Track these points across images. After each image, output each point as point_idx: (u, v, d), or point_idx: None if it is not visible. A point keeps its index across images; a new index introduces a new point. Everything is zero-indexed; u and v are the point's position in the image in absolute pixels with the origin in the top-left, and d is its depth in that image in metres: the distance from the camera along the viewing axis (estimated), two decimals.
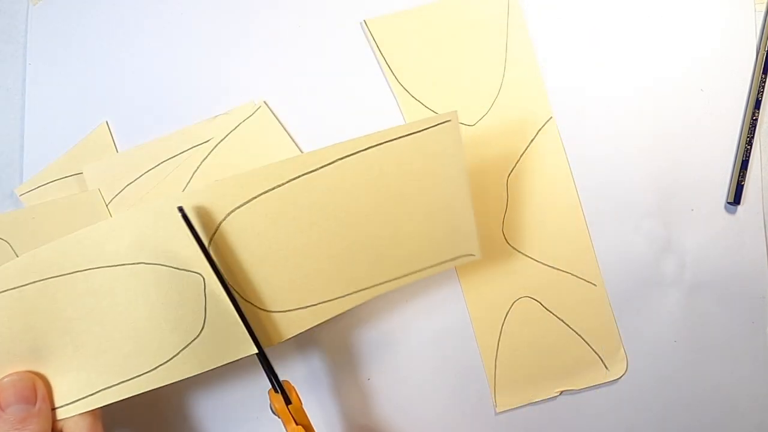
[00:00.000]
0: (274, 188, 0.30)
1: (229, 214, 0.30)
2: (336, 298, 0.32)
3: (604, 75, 0.39)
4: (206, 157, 0.38)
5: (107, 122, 0.39)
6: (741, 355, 0.39)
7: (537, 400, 0.38)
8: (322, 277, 0.32)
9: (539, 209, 0.38)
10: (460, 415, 0.38)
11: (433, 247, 0.33)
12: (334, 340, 0.38)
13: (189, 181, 0.38)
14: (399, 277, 0.33)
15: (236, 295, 0.31)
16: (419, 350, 0.38)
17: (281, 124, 0.38)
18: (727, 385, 0.39)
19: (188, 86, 0.39)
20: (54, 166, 0.38)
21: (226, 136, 0.38)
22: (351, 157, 0.31)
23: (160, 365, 0.30)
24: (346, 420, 0.38)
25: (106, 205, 0.38)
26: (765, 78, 0.39)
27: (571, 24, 0.39)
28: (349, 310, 0.33)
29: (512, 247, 0.38)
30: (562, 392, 0.38)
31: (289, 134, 0.38)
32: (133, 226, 0.29)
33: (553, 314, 0.38)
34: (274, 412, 0.31)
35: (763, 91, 0.38)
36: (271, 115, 0.38)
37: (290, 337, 0.32)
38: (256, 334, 0.31)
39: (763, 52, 0.39)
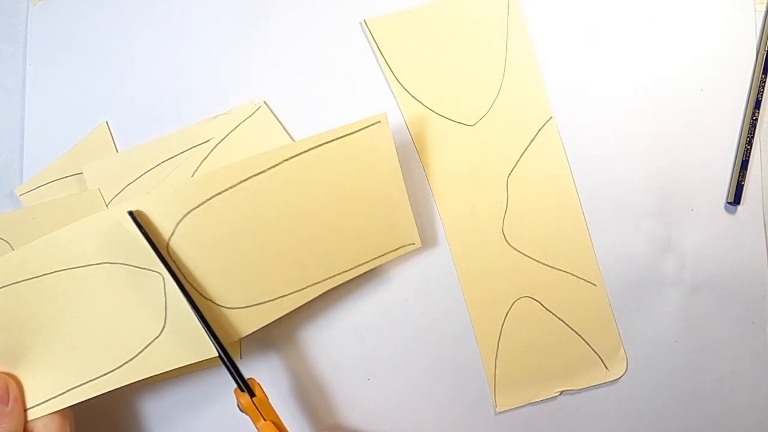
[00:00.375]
0: (224, 191, 0.32)
1: (184, 216, 0.32)
2: (291, 293, 0.34)
3: (604, 75, 0.39)
4: (206, 157, 0.38)
5: (107, 122, 0.39)
6: (741, 355, 0.39)
7: (537, 400, 0.38)
8: (277, 273, 0.33)
9: (539, 209, 0.38)
10: (459, 415, 0.38)
11: (376, 239, 0.35)
12: (333, 341, 0.38)
13: None
14: (347, 270, 0.35)
15: (195, 294, 0.32)
16: (419, 350, 0.38)
17: (281, 124, 0.38)
18: (727, 385, 0.39)
19: (188, 86, 0.39)
20: (54, 166, 0.38)
21: (226, 136, 0.38)
22: (293, 159, 0.33)
23: (125, 363, 0.31)
24: (346, 420, 0.38)
25: (106, 205, 0.38)
26: (765, 78, 0.38)
27: (571, 24, 0.39)
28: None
29: (512, 247, 0.38)
30: (562, 392, 0.38)
31: (289, 134, 0.38)
32: (96, 228, 0.31)
33: (553, 314, 0.38)
34: (242, 410, 0.31)
35: (763, 91, 0.38)
36: (271, 115, 0.38)
37: (250, 332, 0.33)
38: (217, 330, 0.32)
39: (763, 52, 0.39)
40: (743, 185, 0.38)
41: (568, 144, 0.39)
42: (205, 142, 0.38)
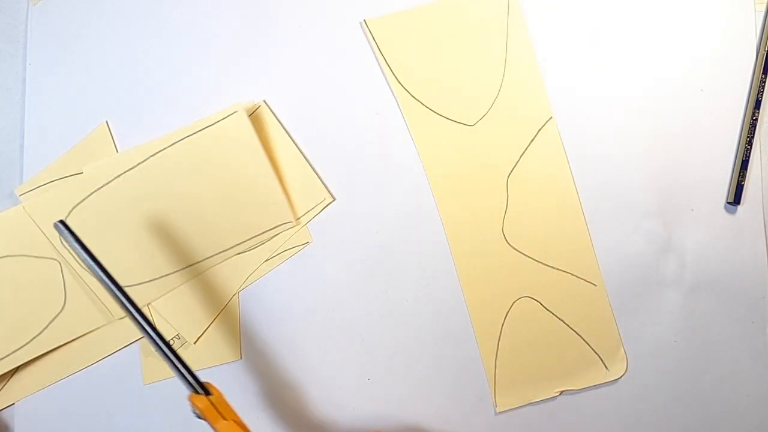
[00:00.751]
0: (100, 187, 0.37)
1: (70, 211, 0.37)
2: (177, 270, 0.38)
3: (604, 75, 0.39)
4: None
5: (107, 122, 0.39)
6: (741, 355, 0.39)
7: (537, 400, 0.38)
8: (161, 255, 0.38)
9: (539, 209, 0.38)
10: (460, 415, 0.38)
11: (252, 220, 0.38)
12: (333, 341, 0.38)
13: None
14: (229, 248, 0.38)
15: (89, 275, 0.37)
16: (419, 351, 0.38)
17: (281, 123, 0.38)
18: (727, 385, 0.39)
19: (188, 86, 0.39)
20: (54, 166, 0.38)
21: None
22: (158, 154, 0.37)
23: (35, 337, 0.37)
24: (346, 420, 0.38)
25: None
26: (765, 78, 0.38)
27: (571, 24, 0.39)
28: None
29: (512, 247, 0.38)
30: (562, 392, 0.38)
31: (288, 134, 0.38)
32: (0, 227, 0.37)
33: (553, 314, 0.38)
34: (199, 416, 0.30)
35: (763, 91, 0.38)
36: (271, 115, 0.38)
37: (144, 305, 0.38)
38: (109, 306, 0.37)
39: (763, 52, 0.39)
40: (743, 185, 0.38)
41: (568, 144, 0.39)
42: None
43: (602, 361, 0.38)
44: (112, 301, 0.35)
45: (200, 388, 0.30)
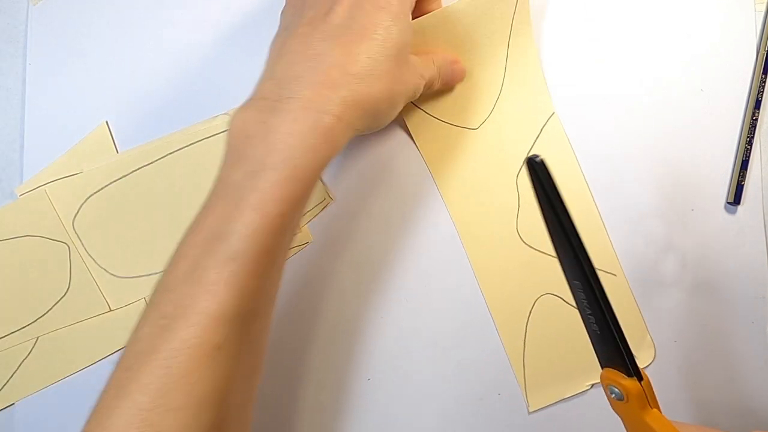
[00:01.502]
0: (118, 179, 0.38)
1: (87, 199, 0.38)
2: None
3: (605, 76, 0.39)
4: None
5: (107, 122, 0.39)
6: (741, 355, 0.39)
7: (569, 395, 0.38)
8: (162, 250, 0.37)
9: None
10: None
11: None
12: (333, 341, 0.38)
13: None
14: None
15: (92, 262, 0.38)
16: (419, 351, 0.38)
17: None
18: (727, 385, 0.39)
19: (188, 86, 0.39)
20: (54, 166, 0.38)
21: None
22: (175, 152, 0.38)
23: (35, 320, 0.38)
24: (346, 420, 0.38)
25: None
26: (765, 78, 0.39)
27: (571, 25, 0.39)
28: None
29: (528, 245, 0.38)
30: (592, 385, 0.38)
31: None
32: (23, 209, 0.38)
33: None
34: (619, 396, 0.26)
35: (763, 91, 0.39)
36: None
37: (135, 300, 0.38)
38: (107, 295, 0.38)
39: (763, 52, 0.39)
40: (743, 185, 0.38)
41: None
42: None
43: None
44: (110, 291, 0.39)
45: (634, 369, 0.26)
